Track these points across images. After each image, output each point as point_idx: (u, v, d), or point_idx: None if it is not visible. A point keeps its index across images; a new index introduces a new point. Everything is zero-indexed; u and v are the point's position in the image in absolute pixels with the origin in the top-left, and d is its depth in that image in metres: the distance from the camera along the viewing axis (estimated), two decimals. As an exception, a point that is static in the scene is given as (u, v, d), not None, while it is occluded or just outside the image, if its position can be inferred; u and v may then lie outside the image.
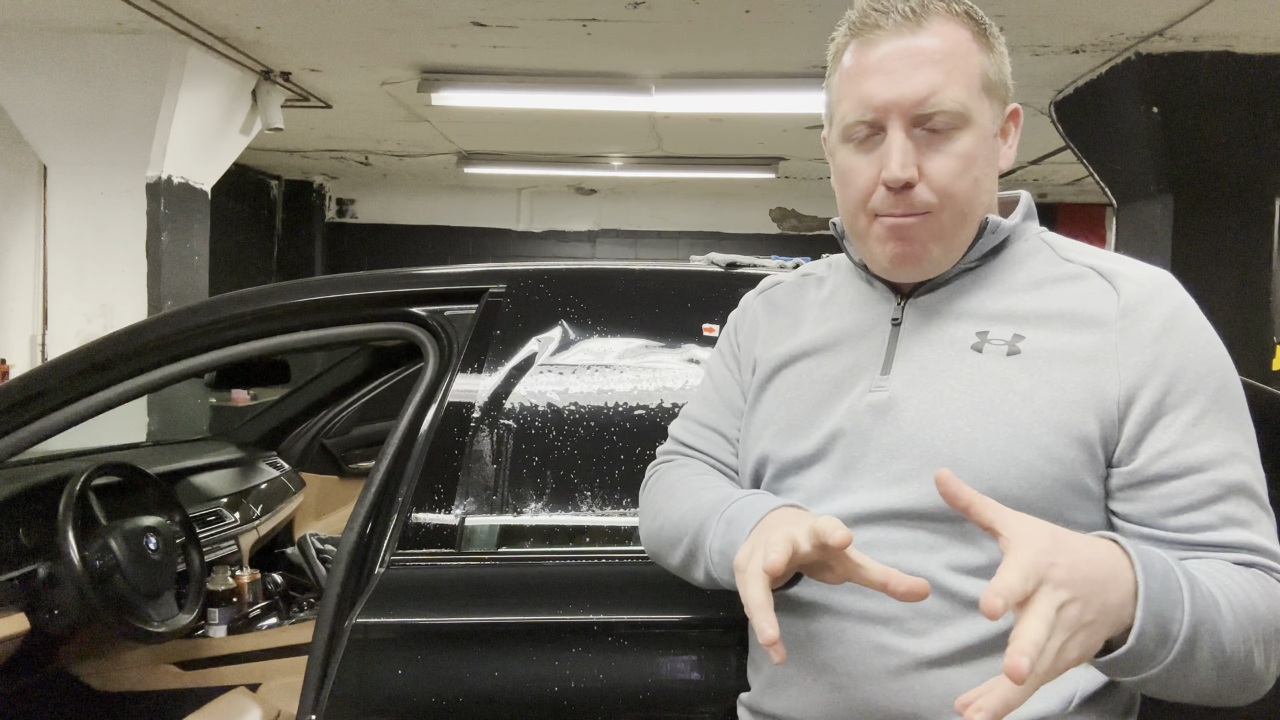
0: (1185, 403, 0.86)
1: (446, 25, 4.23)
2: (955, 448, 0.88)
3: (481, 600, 1.28)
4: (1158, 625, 0.72)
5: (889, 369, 0.94)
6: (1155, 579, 0.73)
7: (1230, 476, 0.85)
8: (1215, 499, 0.85)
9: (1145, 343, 0.86)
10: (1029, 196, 1.01)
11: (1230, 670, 0.77)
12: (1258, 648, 0.79)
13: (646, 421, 1.38)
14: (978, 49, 0.91)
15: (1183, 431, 0.85)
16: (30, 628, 1.80)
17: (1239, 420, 0.88)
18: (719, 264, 1.57)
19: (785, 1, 3.77)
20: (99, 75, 4.38)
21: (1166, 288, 0.91)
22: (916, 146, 0.89)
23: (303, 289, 1.56)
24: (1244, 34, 4.08)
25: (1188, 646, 0.74)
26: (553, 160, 7.60)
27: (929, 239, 0.91)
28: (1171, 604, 0.73)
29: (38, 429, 1.53)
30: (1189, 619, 0.73)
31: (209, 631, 2.39)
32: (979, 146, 0.90)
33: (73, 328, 4.44)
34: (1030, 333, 0.90)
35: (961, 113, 0.88)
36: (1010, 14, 3.83)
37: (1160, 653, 0.73)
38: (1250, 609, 0.79)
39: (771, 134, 6.32)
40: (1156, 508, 0.86)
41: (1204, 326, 0.90)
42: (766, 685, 1.01)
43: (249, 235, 8.66)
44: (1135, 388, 0.86)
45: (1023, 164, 7.02)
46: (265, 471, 2.82)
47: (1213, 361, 0.88)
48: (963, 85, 0.89)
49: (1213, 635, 0.75)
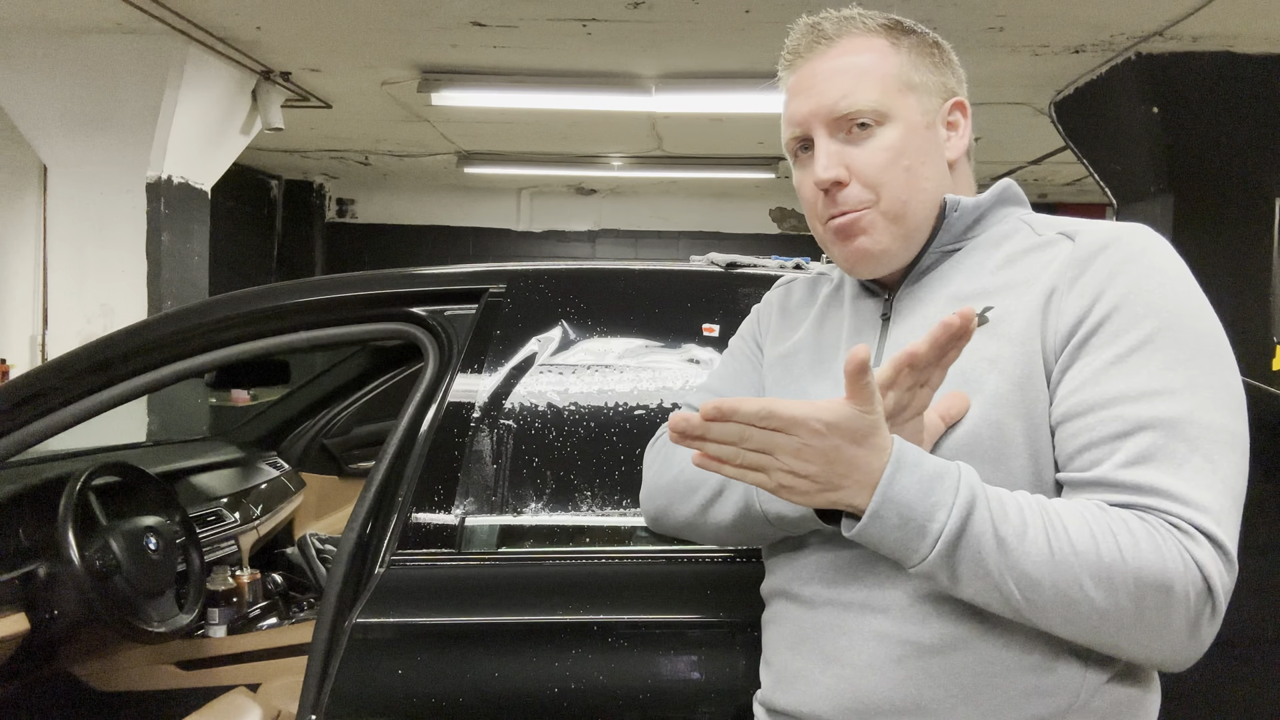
0: (1112, 341, 0.84)
1: (446, 25, 4.23)
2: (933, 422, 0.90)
3: (481, 600, 1.28)
4: (901, 515, 0.78)
5: (880, 360, 0.98)
6: (910, 475, 0.79)
7: (1144, 413, 0.81)
8: (1118, 435, 0.82)
9: (1088, 285, 0.87)
10: (1007, 182, 1.03)
11: (1045, 597, 0.78)
12: (1096, 586, 0.77)
13: (646, 421, 1.38)
14: (895, 54, 0.98)
15: (1100, 368, 0.84)
16: (30, 628, 1.80)
17: (1183, 362, 0.83)
18: (719, 264, 1.57)
19: (785, 1, 3.78)
20: (99, 75, 4.38)
21: (1127, 234, 0.90)
22: (842, 149, 0.96)
23: (303, 289, 1.56)
24: (1244, 34, 4.08)
25: (960, 551, 0.78)
26: (553, 160, 7.60)
27: (874, 231, 0.96)
28: (931, 504, 0.78)
29: (38, 429, 1.53)
30: (954, 522, 0.78)
31: (209, 631, 2.39)
32: (905, 139, 0.95)
33: (73, 328, 4.44)
34: (998, 302, 0.92)
35: (877, 109, 0.95)
36: (1010, 14, 3.83)
37: (920, 545, 0.79)
38: (1085, 545, 0.78)
39: (771, 134, 6.32)
40: (1066, 449, 0.85)
41: (1162, 269, 0.87)
42: (776, 681, 1.02)
43: (249, 235, 8.66)
44: (1071, 327, 0.86)
45: (1023, 164, 7.03)
46: (265, 471, 2.82)
47: (1160, 302, 0.85)
48: (876, 86, 0.95)
49: (1002, 551, 0.78)
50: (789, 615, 1.00)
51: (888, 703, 0.90)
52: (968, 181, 1.03)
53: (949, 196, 0.98)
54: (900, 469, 0.79)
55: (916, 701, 0.89)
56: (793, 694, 0.98)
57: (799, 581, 0.99)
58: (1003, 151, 6.75)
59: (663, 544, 1.33)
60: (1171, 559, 0.77)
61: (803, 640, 0.98)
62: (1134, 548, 0.78)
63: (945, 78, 1.01)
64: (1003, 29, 4.01)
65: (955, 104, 1.00)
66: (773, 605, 1.05)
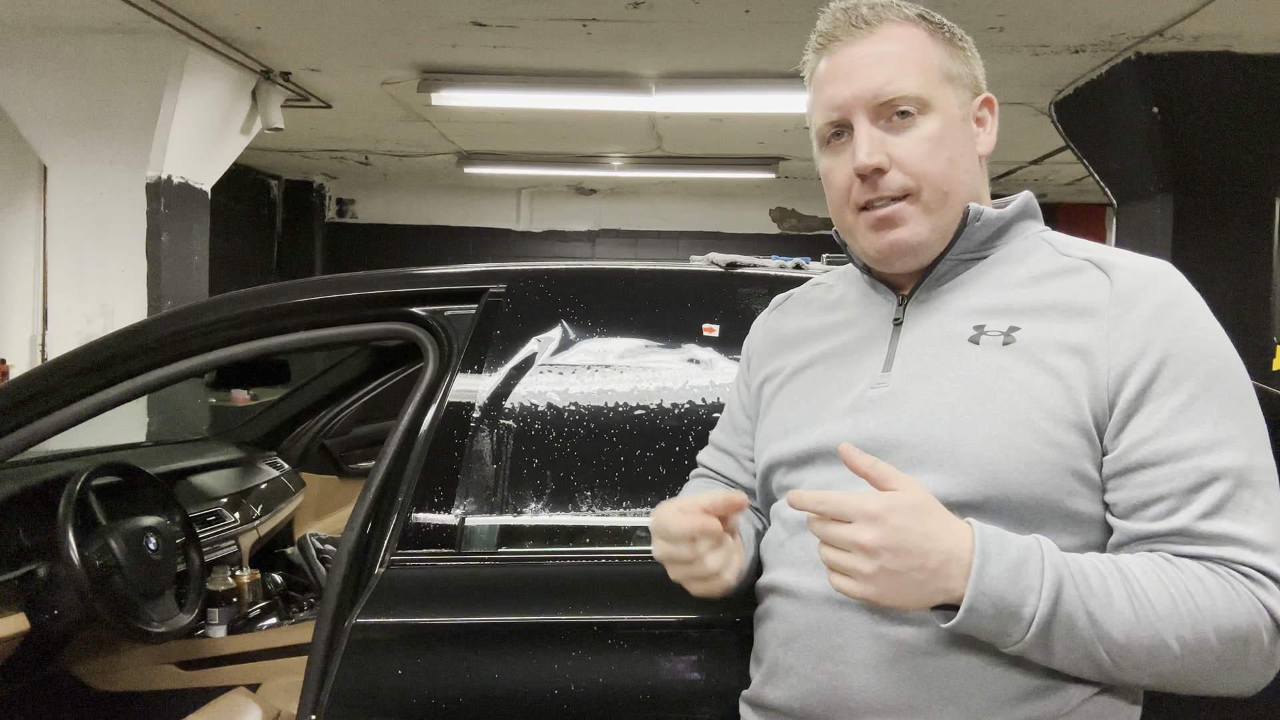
0: (1173, 389, 0.85)
1: (446, 25, 4.23)
2: (955, 435, 0.90)
3: (481, 600, 1.28)
4: (996, 606, 0.80)
5: (890, 366, 0.97)
6: (997, 565, 0.80)
7: (1215, 463, 0.83)
8: (1196, 486, 0.83)
9: (1135, 330, 0.87)
10: (1028, 195, 1.02)
11: (1135, 659, 0.81)
12: (1180, 645, 0.81)
13: (646, 422, 1.38)
14: (934, 44, 0.97)
15: (1168, 418, 0.85)
16: (30, 628, 1.80)
17: (1234, 408, 0.86)
18: (719, 264, 1.57)
19: (785, 1, 3.78)
20: (99, 75, 4.38)
21: (1162, 276, 0.91)
22: (883, 136, 0.95)
23: (303, 289, 1.56)
24: (1244, 34, 4.08)
25: (1054, 629, 0.80)
26: (553, 160, 7.60)
27: (914, 223, 0.95)
28: (1021, 590, 0.80)
29: (38, 429, 1.53)
30: (1045, 605, 0.80)
31: (209, 631, 2.39)
32: (947, 130, 0.95)
33: (73, 328, 4.44)
34: (1026, 324, 0.92)
35: (921, 97, 0.94)
36: (1010, 14, 3.83)
37: (1015, 630, 0.81)
38: (1167, 608, 0.80)
39: (771, 134, 6.33)
40: (1137, 496, 0.86)
41: (1199, 314, 0.89)
42: (767, 676, 1.02)
43: (249, 235, 8.66)
44: (1124, 374, 0.86)
45: (1023, 164, 7.03)
46: (265, 471, 2.82)
47: (1206, 348, 0.87)
48: (919, 74, 0.95)
49: (1093, 624, 0.80)
50: (783, 611, 1.00)
51: (879, 701, 0.91)
52: (986, 185, 1.03)
53: (972, 206, 0.97)
54: (987, 559, 0.81)
55: (908, 702, 0.89)
56: (783, 689, 0.99)
57: (795, 578, 0.99)
58: (1003, 151, 6.73)
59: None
60: (1245, 608, 0.81)
61: (796, 636, 0.98)
62: (1210, 604, 0.81)
63: (975, 71, 1.01)
64: (1003, 29, 4.01)
65: (985, 100, 1.01)
66: (766, 601, 1.05)
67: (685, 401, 1.40)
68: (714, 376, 1.41)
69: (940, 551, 0.81)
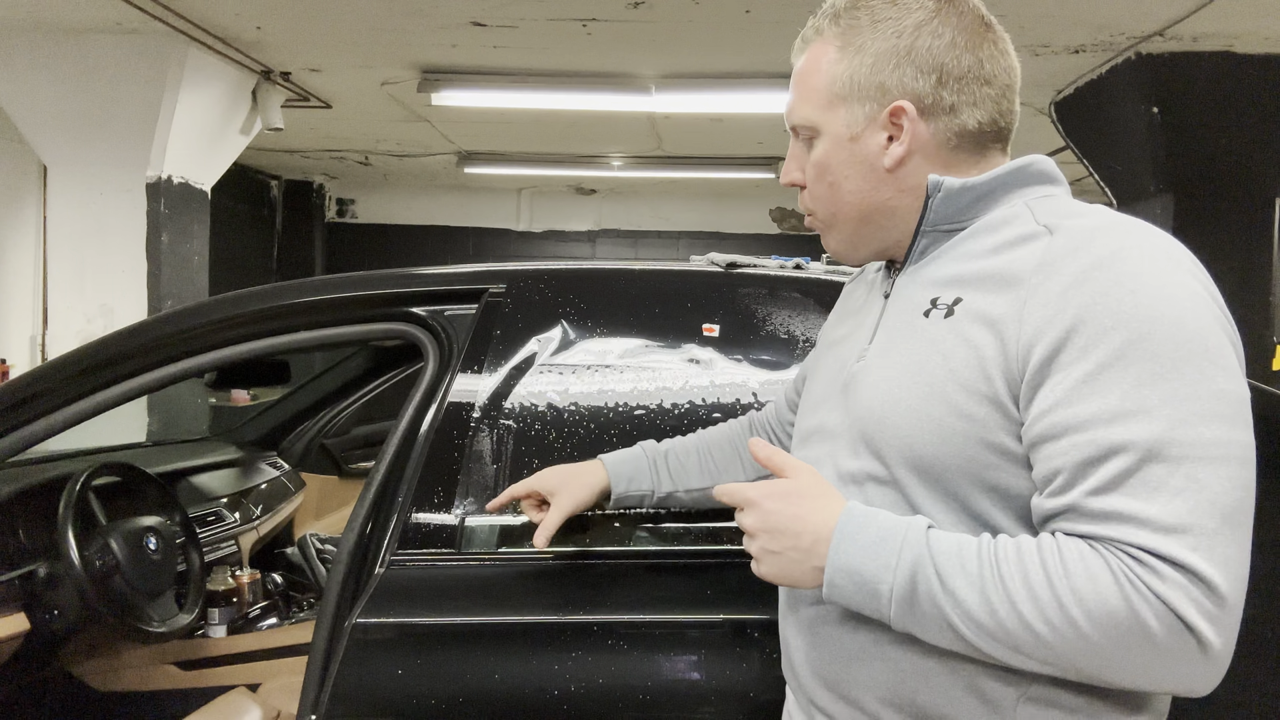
0: (1080, 358, 0.79)
1: (446, 25, 4.23)
2: (885, 408, 0.92)
3: (481, 600, 1.28)
4: (854, 582, 0.85)
5: (873, 340, 0.99)
6: (853, 543, 0.86)
7: (1117, 436, 0.77)
8: (1090, 460, 0.78)
9: (1050, 297, 0.82)
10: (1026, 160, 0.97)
11: (1003, 639, 0.80)
12: (1045, 627, 0.77)
13: (646, 421, 1.38)
14: (838, 60, 0.97)
15: (1070, 389, 0.79)
16: (30, 628, 1.80)
17: (1158, 376, 0.77)
18: (719, 264, 1.57)
19: (785, 1, 3.78)
20: (99, 75, 4.38)
21: (1105, 234, 0.84)
22: (803, 154, 1.02)
23: (303, 289, 1.56)
24: (1244, 34, 4.08)
25: (916, 604, 0.83)
26: (553, 160, 7.60)
27: (826, 234, 1.04)
28: (877, 567, 0.84)
29: (38, 429, 1.53)
30: (901, 581, 0.83)
31: (209, 631, 2.39)
32: (831, 153, 0.98)
33: (73, 328, 4.44)
34: (968, 295, 0.90)
35: (810, 125, 0.99)
36: (1010, 14, 3.83)
37: (879, 605, 0.85)
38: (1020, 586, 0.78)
39: (771, 134, 6.32)
40: (1039, 472, 0.83)
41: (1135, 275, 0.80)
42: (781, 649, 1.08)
43: (249, 235, 8.67)
44: (1030, 344, 0.82)
45: (1023, 164, 7.02)
46: (265, 471, 2.83)
47: (1129, 312, 0.79)
48: (809, 99, 0.99)
49: (954, 603, 0.81)
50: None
51: (808, 669, 0.99)
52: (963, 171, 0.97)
53: (932, 177, 0.94)
54: (844, 538, 0.86)
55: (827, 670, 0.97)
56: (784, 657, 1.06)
57: None
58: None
59: (663, 544, 1.34)
60: (1120, 593, 0.75)
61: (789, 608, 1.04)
62: (1071, 586, 0.76)
63: (891, 75, 0.94)
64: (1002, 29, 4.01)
65: (893, 109, 0.94)
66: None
67: (685, 401, 1.40)
68: (714, 376, 1.42)
69: (809, 532, 0.88)
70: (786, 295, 1.49)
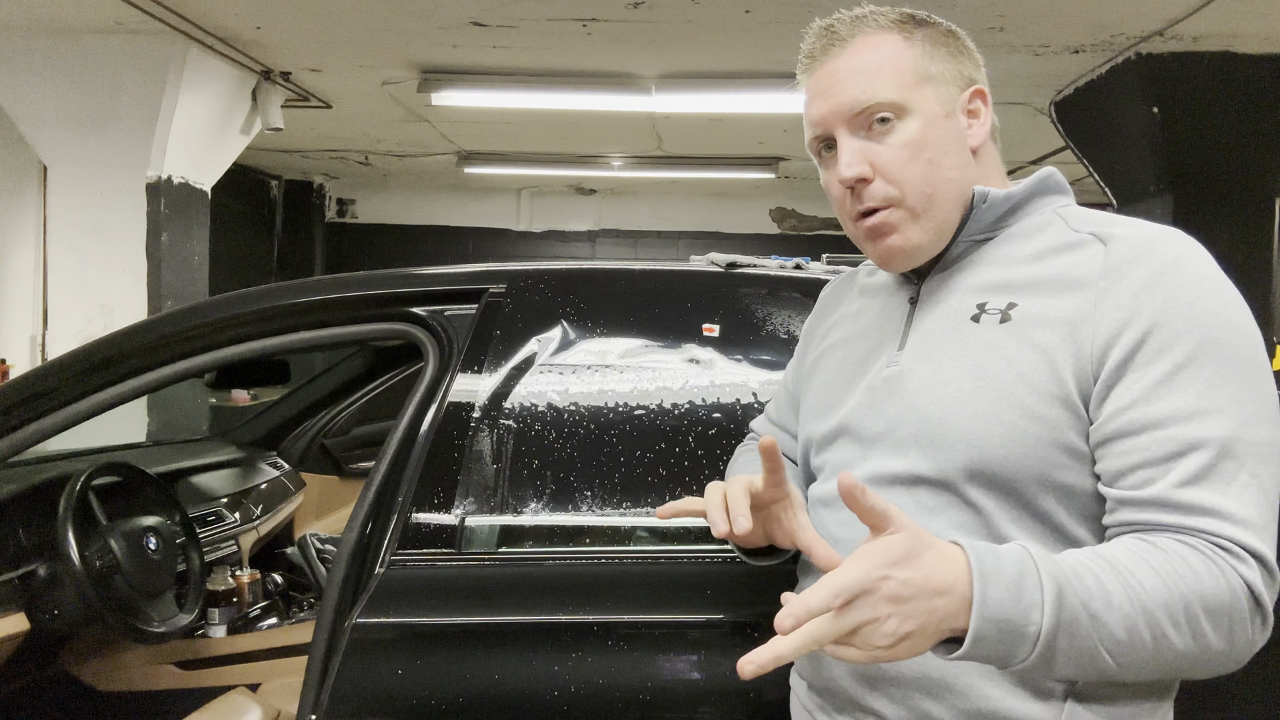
0: (1156, 359, 0.84)
1: (446, 25, 4.23)
2: (946, 413, 0.92)
3: (481, 600, 1.28)
4: (1000, 629, 0.76)
5: (904, 345, 1.00)
6: (998, 588, 0.76)
7: (1195, 433, 0.82)
8: (1172, 455, 0.82)
9: (1123, 300, 0.86)
10: (1046, 172, 1.02)
11: (1136, 656, 0.79)
12: (1176, 630, 0.79)
13: (646, 422, 1.38)
14: (909, 48, 0.98)
15: (1148, 387, 0.84)
16: (30, 628, 1.80)
17: (1227, 378, 0.83)
18: (719, 264, 1.57)
19: (785, 1, 3.78)
20: (99, 75, 4.38)
21: (1161, 243, 0.89)
22: (865, 146, 0.96)
23: (303, 289, 1.56)
24: (1244, 34, 4.08)
25: (1058, 641, 0.77)
26: (553, 160, 7.60)
27: (904, 229, 0.97)
28: (1024, 607, 0.76)
29: (38, 429, 1.53)
30: (1049, 620, 0.76)
31: (209, 631, 2.39)
32: (926, 130, 0.96)
33: (73, 328, 4.44)
34: (1023, 300, 0.92)
35: (896, 102, 0.95)
36: (1010, 14, 3.83)
37: (1021, 649, 0.77)
38: (1161, 594, 0.78)
39: (771, 134, 6.32)
40: (1116, 465, 0.85)
41: (1197, 281, 0.87)
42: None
43: (249, 235, 8.67)
44: (1107, 345, 0.86)
45: (1023, 164, 7.03)
46: (265, 471, 2.83)
47: (1198, 317, 0.85)
48: (892, 79, 0.96)
49: (1095, 626, 0.78)
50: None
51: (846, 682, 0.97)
52: (995, 167, 1.03)
53: (978, 189, 0.97)
54: (987, 582, 0.76)
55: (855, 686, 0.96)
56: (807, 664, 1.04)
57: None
58: (1003, 151, 6.74)
59: (663, 544, 1.34)
60: (1226, 583, 0.79)
61: None
62: (1197, 582, 0.79)
63: (962, 66, 1.00)
64: (1003, 29, 4.01)
65: (975, 92, 1.01)
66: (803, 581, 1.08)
67: (685, 402, 1.40)
68: (714, 376, 1.42)
69: (947, 591, 0.76)
70: (786, 295, 1.49)
